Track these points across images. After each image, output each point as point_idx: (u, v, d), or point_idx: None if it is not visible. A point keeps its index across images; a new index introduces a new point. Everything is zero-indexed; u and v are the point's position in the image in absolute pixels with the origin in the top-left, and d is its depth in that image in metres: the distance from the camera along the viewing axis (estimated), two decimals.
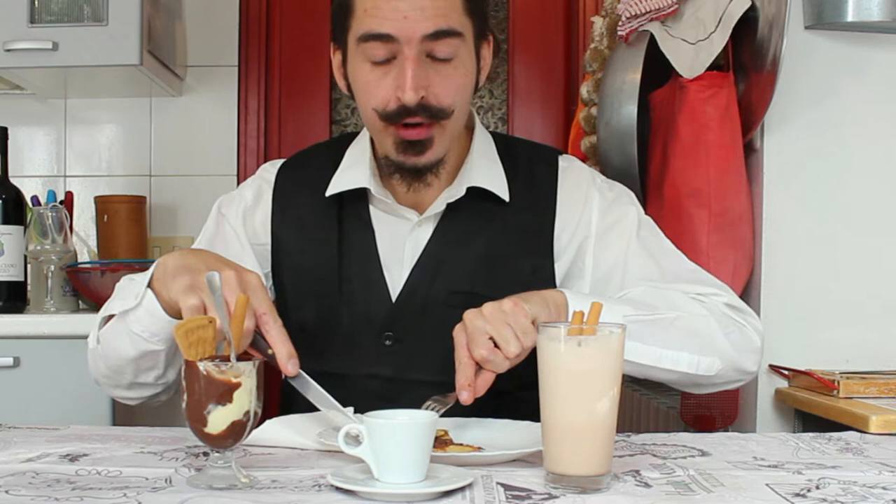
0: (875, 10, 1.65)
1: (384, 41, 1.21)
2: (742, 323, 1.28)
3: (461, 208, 1.32)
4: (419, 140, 1.26)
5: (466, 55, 1.26)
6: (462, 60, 1.25)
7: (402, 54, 1.21)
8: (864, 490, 0.89)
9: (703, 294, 1.29)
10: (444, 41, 1.22)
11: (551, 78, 2.97)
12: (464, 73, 1.26)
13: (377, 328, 1.32)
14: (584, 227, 1.35)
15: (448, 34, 1.22)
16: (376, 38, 1.21)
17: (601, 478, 0.89)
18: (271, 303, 1.09)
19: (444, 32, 1.21)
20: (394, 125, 1.25)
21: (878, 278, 1.73)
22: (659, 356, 1.19)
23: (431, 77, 1.23)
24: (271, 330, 1.06)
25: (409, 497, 0.86)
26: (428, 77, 1.23)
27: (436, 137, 1.27)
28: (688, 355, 1.21)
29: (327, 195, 1.35)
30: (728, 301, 1.29)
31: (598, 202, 1.36)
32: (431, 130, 1.26)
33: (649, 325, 1.19)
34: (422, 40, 1.21)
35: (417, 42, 1.20)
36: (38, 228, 2.11)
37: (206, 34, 2.80)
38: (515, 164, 1.38)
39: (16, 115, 2.70)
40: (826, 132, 1.73)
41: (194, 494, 0.86)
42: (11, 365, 1.99)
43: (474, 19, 1.27)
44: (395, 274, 1.33)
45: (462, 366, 1.09)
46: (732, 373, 1.25)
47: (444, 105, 1.24)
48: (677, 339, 1.21)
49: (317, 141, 1.58)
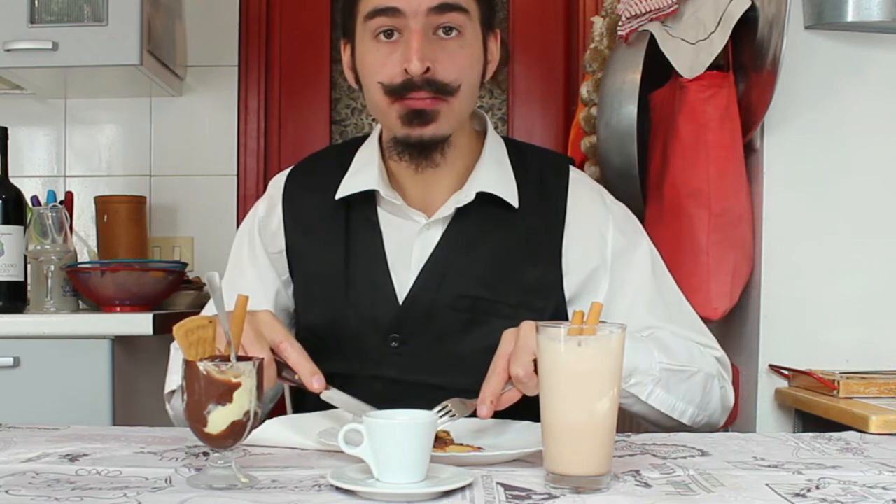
0: (875, 10, 1.65)
1: (390, 15, 1.24)
2: (727, 381, 1.34)
3: (470, 212, 1.33)
4: (424, 110, 1.27)
5: (472, 35, 1.28)
6: (468, 40, 1.28)
7: (407, 28, 1.24)
8: (864, 490, 0.89)
9: (703, 346, 1.34)
10: (449, 14, 1.25)
11: (551, 78, 2.97)
12: (469, 52, 1.28)
13: (383, 330, 1.32)
14: (600, 249, 1.35)
15: (453, 8, 1.25)
16: (383, 13, 1.24)
17: (601, 478, 0.89)
18: (286, 330, 1.14)
19: (449, 6, 1.24)
20: (399, 100, 1.26)
21: (878, 278, 1.73)
22: (673, 406, 1.24)
23: (437, 52, 1.25)
24: (290, 356, 1.11)
25: (409, 497, 0.86)
26: (434, 52, 1.25)
27: (441, 112, 1.28)
28: (692, 409, 1.26)
29: (336, 198, 1.36)
30: (719, 356, 1.35)
31: (612, 225, 1.37)
32: (437, 103, 1.27)
33: (676, 377, 1.24)
34: (427, 13, 1.23)
35: (423, 14, 1.23)
36: (38, 228, 2.11)
37: (206, 34, 2.80)
38: (526, 170, 1.38)
39: (16, 115, 2.70)
40: (826, 132, 1.73)
41: (194, 494, 0.86)
42: (11, 365, 1.99)
43: (480, 4, 1.29)
44: (403, 277, 1.33)
45: (493, 376, 1.09)
46: (704, 426, 1.30)
47: (449, 80, 1.26)
48: (690, 393, 1.26)
49: (317, 140, 1.59)
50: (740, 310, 1.78)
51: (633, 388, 1.20)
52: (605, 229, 1.36)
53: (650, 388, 1.21)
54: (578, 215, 1.36)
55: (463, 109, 1.31)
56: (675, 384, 1.24)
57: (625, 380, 1.18)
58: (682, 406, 1.25)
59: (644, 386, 1.21)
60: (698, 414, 1.27)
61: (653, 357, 1.22)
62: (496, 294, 1.30)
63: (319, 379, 1.11)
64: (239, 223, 2.71)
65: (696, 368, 1.27)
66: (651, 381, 1.21)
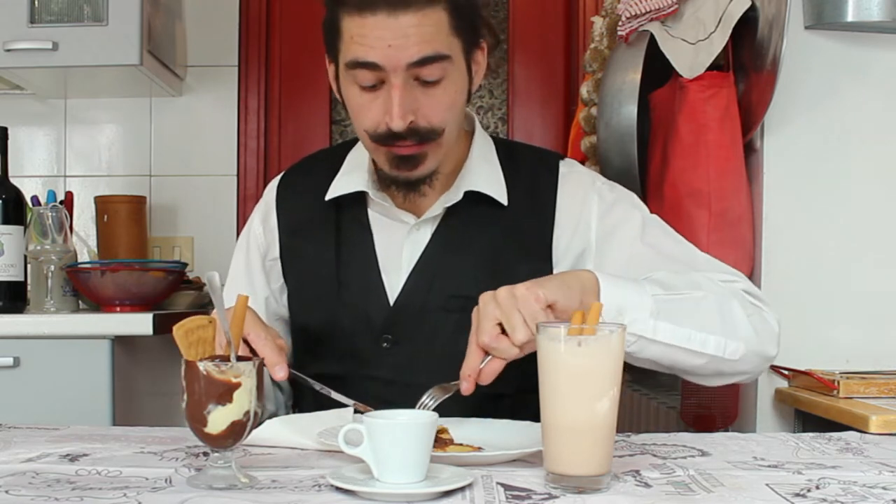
0: (875, 10, 1.65)
1: (371, 69, 1.20)
2: (761, 307, 1.26)
3: (459, 212, 1.32)
4: (411, 155, 1.26)
5: (456, 74, 1.25)
6: (451, 80, 1.24)
7: (389, 81, 1.21)
8: (864, 490, 0.89)
9: (721, 280, 1.27)
10: (431, 66, 1.21)
11: (551, 78, 2.97)
12: (454, 91, 1.25)
13: (375, 331, 1.33)
14: (584, 233, 1.34)
15: (434, 59, 1.21)
16: (363, 66, 1.21)
17: (601, 478, 0.89)
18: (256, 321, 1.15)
19: (430, 59, 1.20)
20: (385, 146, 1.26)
21: (878, 278, 1.73)
22: (688, 336, 1.16)
23: (420, 99, 1.22)
24: (257, 344, 1.13)
25: (409, 497, 0.86)
26: (416, 100, 1.22)
27: (429, 154, 1.27)
28: (715, 337, 1.18)
29: (326, 199, 1.36)
30: (745, 287, 1.28)
31: (596, 207, 1.35)
32: (423, 147, 1.26)
33: (678, 305, 1.17)
34: (407, 67, 1.20)
35: (403, 69, 1.20)
36: (38, 228, 2.11)
37: (206, 34, 2.80)
38: (516, 168, 1.37)
39: (16, 115, 2.70)
40: (826, 132, 1.73)
41: (194, 494, 0.86)
42: (11, 365, 1.98)
43: (463, 37, 1.25)
44: (394, 277, 1.34)
45: (469, 355, 1.08)
46: (755, 358, 1.22)
47: (434, 125, 1.24)
48: (704, 319, 1.18)
49: (317, 140, 1.60)
50: None
51: (632, 326, 1.11)
52: (590, 212, 1.34)
53: (652, 323, 1.13)
54: (565, 207, 1.35)
55: (450, 141, 1.30)
56: (682, 314, 1.16)
57: (617, 318, 1.11)
58: (701, 336, 1.16)
59: (644, 322, 1.13)
60: (727, 343, 1.18)
61: (644, 290, 1.15)
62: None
63: (281, 368, 1.12)
64: (239, 223, 2.75)
65: (700, 294, 1.19)
66: (649, 315, 1.13)
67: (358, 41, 1.20)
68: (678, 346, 1.16)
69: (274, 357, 1.12)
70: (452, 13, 1.22)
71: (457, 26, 1.23)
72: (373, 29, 1.18)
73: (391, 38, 1.18)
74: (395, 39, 1.18)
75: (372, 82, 1.22)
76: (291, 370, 1.17)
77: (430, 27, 1.19)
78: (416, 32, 1.18)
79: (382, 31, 1.18)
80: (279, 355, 1.13)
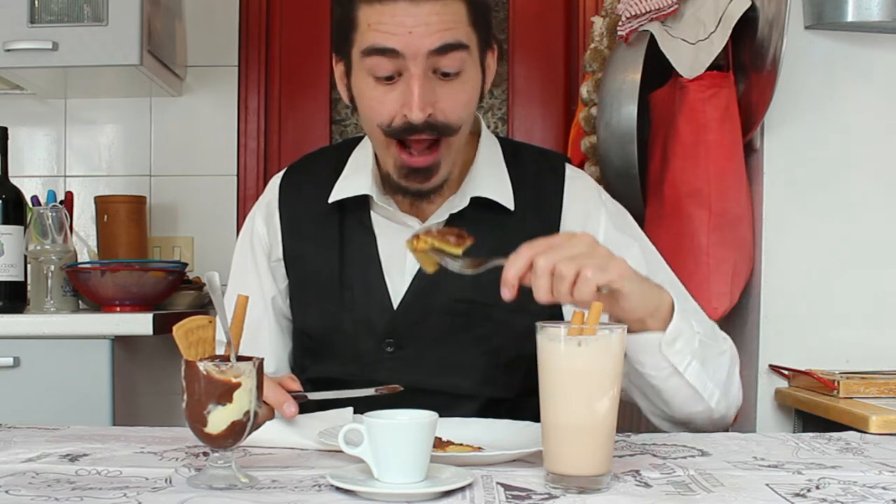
0: (875, 10, 1.65)
1: (389, 56, 1.19)
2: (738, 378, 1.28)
3: (464, 217, 1.31)
4: (424, 167, 1.25)
5: (473, 68, 1.25)
6: (469, 74, 1.24)
7: (407, 71, 1.19)
8: (864, 490, 0.89)
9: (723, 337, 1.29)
10: (451, 55, 1.20)
11: (551, 78, 2.97)
12: (471, 86, 1.25)
13: (378, 335, 1.32)
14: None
15: (454, 48, 1.20)
16: (381, 53, 1.19)
17: (601, 478, 0.89)
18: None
19: (451, 46, 1.19)
20: (398, 142, 1.24)
21: (878, 278, 1.73)
22: (704, 385, 1.18)
23: (438, 93, 1.21)
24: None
25: (409, 497, 0.86)
26: (435, 93, 1.21)
27: (442, 160, 1.25)
28: (718, 393, 1.20)
29: (329, 202, 1.35)
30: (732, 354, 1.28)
31: (604, 224, 1.35)
32: (437, 154, 1.24)
33: (709, 351, 1.18)
34: (428, 55, 1.19)
35: (423, 57, 1.18)
36: (38, 228, 2.11)
37: (206, 34, 2.80)
38: (523, 171, 1.37)
39: (16, 115, 2.70)
40: (826, 132, 1.73)
41: (194, 494, 0.86)
42: (11, 365, 1.99)
43: (479, 30, 1.25)
44: (397, 281, 1.33)
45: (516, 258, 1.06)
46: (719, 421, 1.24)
47: (451, 121, 1.23)
48: (719, 373, 1.20)
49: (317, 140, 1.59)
50: (740, 310, 1.78)
51: (675, 355, 1.13)
52: (598, 227, 1.34)
53: (689, 360, 1.15)
54: (574, 215, 1.35)
55: (461, 143, 1.29)
56: (709, 360, 1.17)
57: (669, 343, 1.12)
58: (711, 387, 1.18)
59: (685, 355, 1.14)
60: (720, 401, 1.21)
61: (692, 325, 1.15)
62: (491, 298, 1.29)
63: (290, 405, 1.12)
64: (239, 223, 2.74)
65: (723, 348, 1.22)
66: (690, 352, 1.14)
67: (376, 28, 1.19)
68: (693, 390, 1.17)
69: (280, 397, 1.13)
70: (470, 6, 1.22)
71: (474, 20, 1.23)
72: (393, 16, 1.18)
73: (412, 24, 1.18)
74: (417, 26, 1.18)
75: (389, 72, 1.20)
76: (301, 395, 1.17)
77: (450, 16, 1.19)
78: (437, 20, 1.18)
79: (403, 18, 1.18)
80: (284, 394, 1.14)
